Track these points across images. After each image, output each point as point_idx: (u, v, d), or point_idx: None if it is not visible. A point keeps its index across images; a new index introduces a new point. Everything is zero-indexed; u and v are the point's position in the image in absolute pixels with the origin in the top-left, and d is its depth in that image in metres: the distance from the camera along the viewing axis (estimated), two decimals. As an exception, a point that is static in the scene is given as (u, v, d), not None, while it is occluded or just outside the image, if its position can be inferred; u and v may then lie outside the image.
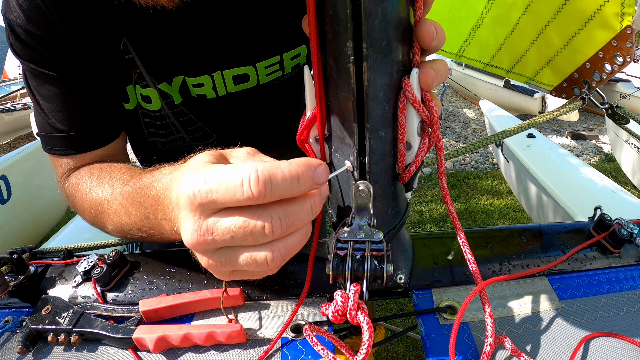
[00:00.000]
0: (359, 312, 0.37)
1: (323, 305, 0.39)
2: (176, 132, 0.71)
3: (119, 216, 0.52)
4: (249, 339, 0.49)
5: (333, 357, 0.40)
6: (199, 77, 0.64)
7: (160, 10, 0.55)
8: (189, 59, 0.62)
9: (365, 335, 0.36)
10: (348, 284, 0.37)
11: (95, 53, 0.59)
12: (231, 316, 0.50)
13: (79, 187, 0.61)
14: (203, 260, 0.36)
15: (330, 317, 0.38)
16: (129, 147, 0.76)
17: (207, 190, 0.32)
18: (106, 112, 0.66)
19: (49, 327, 0.49)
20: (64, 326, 0.49)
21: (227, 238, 0.33)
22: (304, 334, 0.43)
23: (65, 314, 0.51)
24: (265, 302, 0.53)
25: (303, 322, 0.49)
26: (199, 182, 0.33)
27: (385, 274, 0.36)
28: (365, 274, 0.37)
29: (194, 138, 0.72)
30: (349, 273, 0.37)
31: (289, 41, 0.66)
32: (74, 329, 0.49)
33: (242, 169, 0.32)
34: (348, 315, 0.37)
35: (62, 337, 0.49)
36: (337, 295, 0.38)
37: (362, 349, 0.36)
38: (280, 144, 0.81)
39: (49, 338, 0.49)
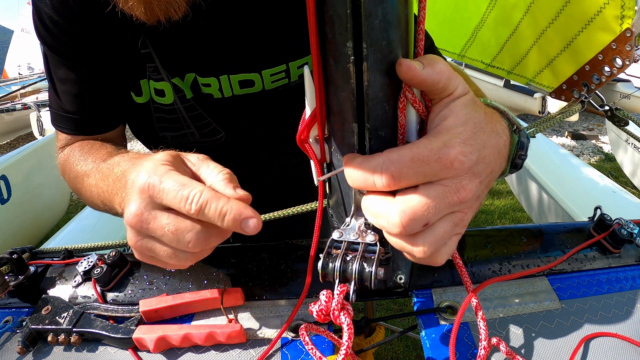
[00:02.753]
0: (341, 313, 0.37)
1: (311, 304, 0.39)
2: (186, 127, 0.73)
3: (91, 187, 0.59)
4: (249, 339, 0.49)
5: (319, 358, 0.41)
6: (207, 78, 0.66)
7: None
8: (199, 60, 0.65)
9: (345, 337, 0.37)
10: (336, 284, 0.38)
11: (114, 47, 0.64)
12: (231, 316, 0.50)
13: (69, 158, 0.70)
14: (132, 239, 0.42)
15: (314, 315, 0.38)
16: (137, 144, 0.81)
17: (160, 189, 0.39)
18: (111, 104, 0.72)
19: (49, 327, 0.49)
20: (64, 326, 0.49)
21: (157, 232, 0.40)
22: (299, 334, 0.43)
23: (65, 314, 0.51)
24: (265, 302, 0.53)
25: (303, 322, 0.49)
26: (155, 178, 0.40)
27: (373, 278, 0.36)
28: (353, 276, 0.37)
29: (203, 134, 0.74)
30: (337, 273, 0.37)
31: (296, 51, 0.67)
32: (74, 329, 0.49)
33: (193, 188, 0.39)
34: (331, 315, 0.37)
35: (62, 337, 0.49)
36: (322, 294, 0.38)
37: (342, 350, 0.36)
38: (287, 143, 0.81)
39: (49, 338, 0.49)
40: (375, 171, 0.33)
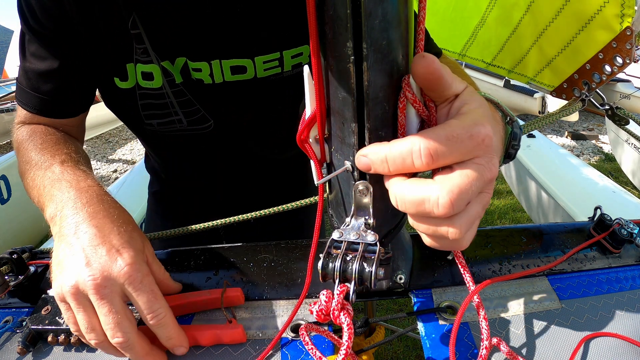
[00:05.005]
0: (341, 313, 0.37)
1: (311, 304, 0.39)
2: (174, 113, 0.71)
3: (33, 184, 0.58)
4: (249, 339, 0.49)
5: (319, 358, 0.41)
6: (198, 63, 0.65)
7: None
8: (192, 43, 0.64)
9: (345, 337, 0.37)
10: (336, 283, 0.38)
11: (102, 27, 0.62)
12: (231, 316, 0.50)
13: (25, 141, 0.67)
14: (73, 294, 0.44)
15: (314, 315, 0.38)
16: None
17: (138, 286, 0.45)
18: (81, 91, 0.70)
19: (49, 327, 0.49)
20: (64, 326, 0.49)
21: (102, 310, 0.43)
22: (299, 334, 0.43)
23: None
24: (265, 302, 0.53)
25: (303, 322, 0.49)
26: (139, 275, 0.45)
27: (372, 278, 0.36)
28: (353, 276, 0.37)
29: (191, 121, 0.73)
30: (337, 273, 0.37)
31: (291, 39, 0.66)
32: None
33: (161, 306, 0.46)
34: (331, 315, 0.37)
35: (62, 337, 0.49)
36: (322, 294, 0.38)
37: (342, 350, 0.36)
38: (276, 135, 0.81)
39: (49, 338, 0.49)
40: (414, 151, 0.32)
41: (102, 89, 0.71)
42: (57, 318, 0.50)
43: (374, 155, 0.34)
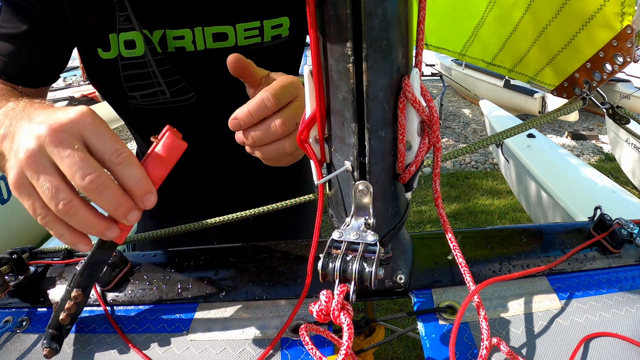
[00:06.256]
0: (341, 313, 0.37)
1: (311, 304, 0.39)
2: (157, 84, 0.73)
3: None
4: (249, 339, 0.49)
5: (319, 358, 0.41)
6: (181, 30, 0.68)
7: None
8: (174, 9, 0.66)
9: (345, 337, 0.37)
10: (336, 283, 0.38)
11: None
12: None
13: None
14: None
15: (314, 315, 0.38)
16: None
17: (97, 130, 0.39)
18: (46, 61, 0.69)
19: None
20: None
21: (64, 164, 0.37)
22: (299, 334, 0.43)
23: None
24: (265, 302, 0.53)
25: (303, 322, 0.49)
26: (95, 118, 0.40)
27: (373, 278, 0.36)
28: (353, 276, 0.37)
29: (174, 92, 0.74)
30: (338, 273, 0.37)
31: (271, 9, 0.70)
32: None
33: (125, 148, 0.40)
34: (331, 315, 0.37)
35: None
36: (322, 294, 0.38)
37: (342, 350, 0.36)
38: None
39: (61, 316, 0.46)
40: (264, 98, 0.45)
41: (86, 62, 0.71)
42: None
43: (240, 113, 0.45)
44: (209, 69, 0.72)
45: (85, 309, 0.55)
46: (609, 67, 0.66)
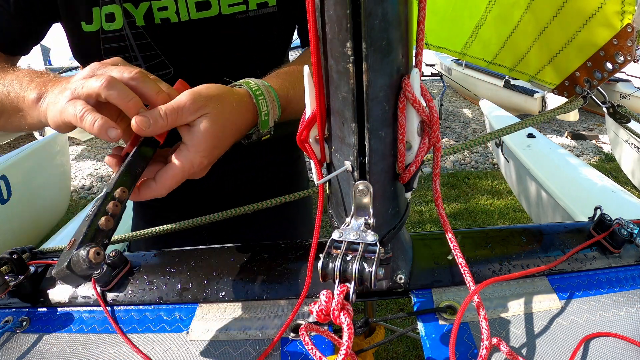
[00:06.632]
0: (341, 313, 0.37)
1: (311, 304, 0.39)
2: (134, 58, 0.73)
3: None
4: (249, 339, 0.49)
5: (319, 358, 0.41)
6: (164, 1, 0.68)
7: None
8: None
9: (345, 337, 0.37)
10: (336, 283, 0.38)
11: None
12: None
13: None
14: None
15: (314, 315, 0.38)
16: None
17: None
18: (30, 32, 0.71)
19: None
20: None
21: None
22: (299, 334, 0.43)
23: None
24: (265, 302, 0.53)
25: (303, 322, 0.49)
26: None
27: (372, 278, 0.36)
28: (353, 276, 0.37)
29: (150, 67, 0.74)
30: (337, 273, 0.37)
31: None
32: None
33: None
34: (331, 315, 0.37)
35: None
36: (322, 294, 0.38)
37: (342, 350, 0.36)
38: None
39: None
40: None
41: (70, 36, 0.72)
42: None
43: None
44: (191, 42, 0.72)
45: (85, 308, 0.55)
46: (609, 65, 0.66)
